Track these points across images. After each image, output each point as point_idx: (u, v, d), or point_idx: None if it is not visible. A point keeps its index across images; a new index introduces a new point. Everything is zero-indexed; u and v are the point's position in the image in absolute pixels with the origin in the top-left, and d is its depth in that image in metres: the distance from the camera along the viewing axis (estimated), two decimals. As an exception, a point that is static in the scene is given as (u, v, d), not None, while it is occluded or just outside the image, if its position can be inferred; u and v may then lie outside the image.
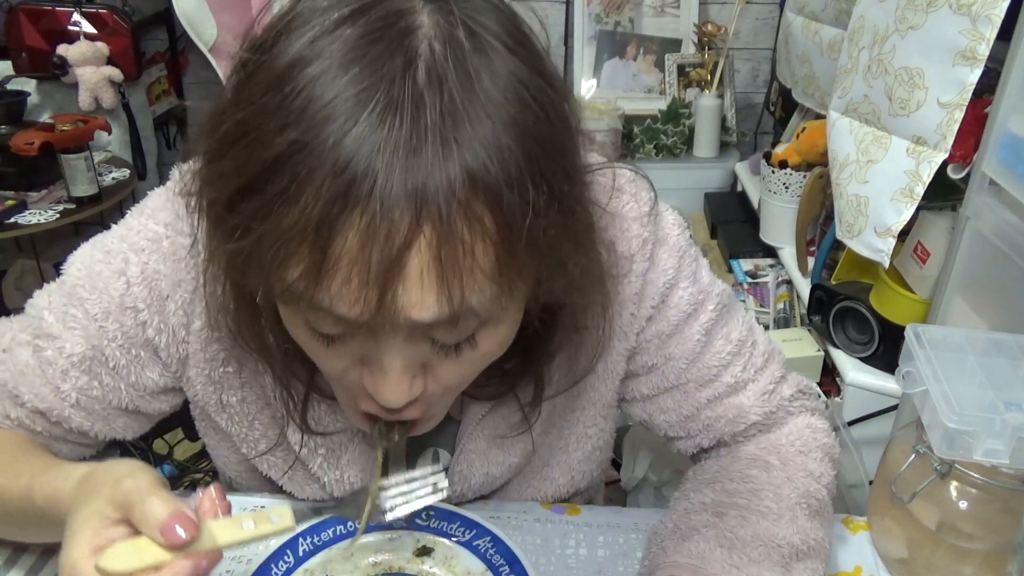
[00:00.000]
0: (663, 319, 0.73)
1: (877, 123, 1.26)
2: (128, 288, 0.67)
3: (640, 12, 2.52)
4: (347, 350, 0.53)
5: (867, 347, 1.40)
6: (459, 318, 0.49)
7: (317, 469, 0.74)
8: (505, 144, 0.46)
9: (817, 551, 0.69)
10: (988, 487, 0.68)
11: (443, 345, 0.53)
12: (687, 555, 0.65)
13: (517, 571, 0.68)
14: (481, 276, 0.47)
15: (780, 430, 0.77)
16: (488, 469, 0.76)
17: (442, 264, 0.45)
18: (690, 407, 0.76)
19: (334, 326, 0.51)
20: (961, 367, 0.72)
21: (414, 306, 0.47)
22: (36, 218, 1.93)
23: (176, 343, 0.69)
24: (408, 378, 0.53)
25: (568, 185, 0.50)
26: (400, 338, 0.51)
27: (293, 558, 0.70)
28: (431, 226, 0.44)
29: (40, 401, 0.69)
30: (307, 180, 0.44)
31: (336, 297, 0.46)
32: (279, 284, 0.48)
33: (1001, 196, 1.07)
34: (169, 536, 0.48)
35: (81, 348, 0.68)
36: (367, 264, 0.45)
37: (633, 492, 1.20)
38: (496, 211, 0.46)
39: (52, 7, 2.19)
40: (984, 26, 1.06)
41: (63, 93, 2.24)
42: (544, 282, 0.52)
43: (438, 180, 0.44)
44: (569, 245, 0.52)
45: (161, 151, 2.59)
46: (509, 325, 0.56)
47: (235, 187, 0.47)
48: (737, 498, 0.70)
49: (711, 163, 2.46)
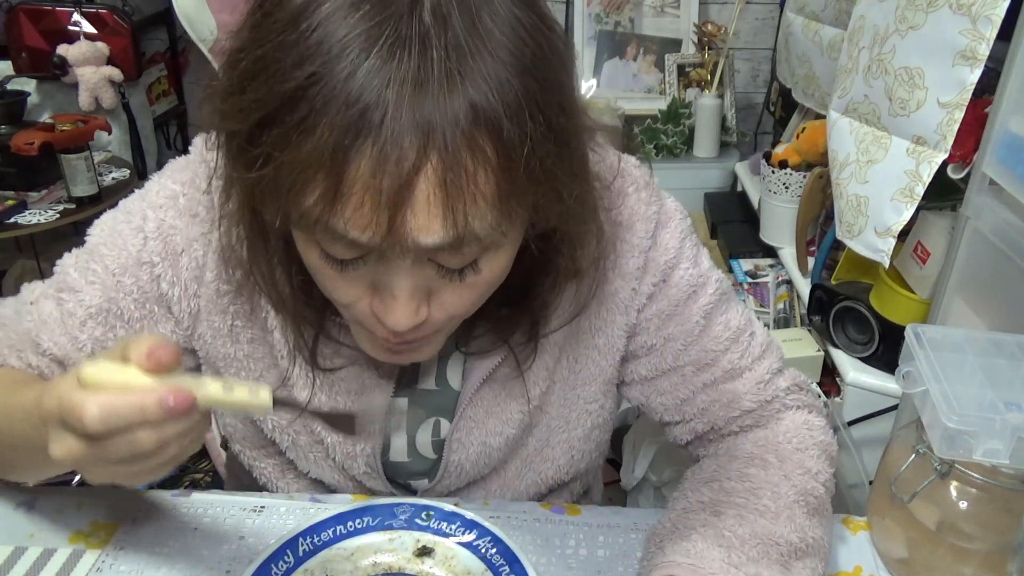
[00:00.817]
0: (663, 297, 0.75)
1: (877, 123, 1.26)
2: (145, 243, 0.72)
3: (640, 12, 2.52)
4: (358, 276, 0.56)
5: (867, 347, 1.40)
6: (463, 243, 0.52)
7: (321, 430, 0.76)
8: (505, 78, 0.49)
9: (816, 549, 0.69)
10: (988, 487, 0.68)
11: (448, 270, 0.56)
12: (685, 554, 0.65)
13: (517, 571, 0.68)
14: (483, 202, 0.50)
15: (777, 426, 0.78)
16: (486, 439, 0.77)
17: (447, 190, 0.49)
18: (687, 390, 0.78)
19: (347, 251, 0.54)
20: (961, 367, 0.72)
21: (421, 229, 0.50)
22: (36, 218, 1.93)
23: (188, 297, 0.73)
24: (415, 303, 0.56)
25: (564, 118, 0.53)
26: (408, 263, 0.54)
27: (293, 558, 0.70)
28: (437, 154, 0.48)
29: (59, 349, 0.73)
30: (323, 111, 0.47)
31: (350, 221, 0.50)
32: (296, 211, 0.51)
33: (1001, 196, 1.07)
34: (153, 355, 0.51)
35: (98, 300, 0.72)
36: (379, 189, 0.48)
37: (633, 492, 1.20)
38: (497, 141, 0.49)
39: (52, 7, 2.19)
40: (984, 26, 1.06)
41: (63, 93, 2.24)
42: (541, 210, 0.56)
43: (444, 111, 0.47)
44: (564, 174, 0.55)
45: (161, 151, 2.59)
46: (508, 252, 0.59)
47: (255, 119, 0.50)
48: (735, 497, 0.70)
49: (711, 163, 2.46)
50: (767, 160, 1.80)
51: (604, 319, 0.75)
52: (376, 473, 0.78)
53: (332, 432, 0.76)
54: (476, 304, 0.61)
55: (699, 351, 0.77)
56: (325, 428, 0.76)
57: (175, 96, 2.68)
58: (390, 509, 0.74)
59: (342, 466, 0.78)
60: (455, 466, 0.78)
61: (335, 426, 0.63)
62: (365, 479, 0.79)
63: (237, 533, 0.75)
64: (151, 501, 0.79)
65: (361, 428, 0.71)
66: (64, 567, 0.72)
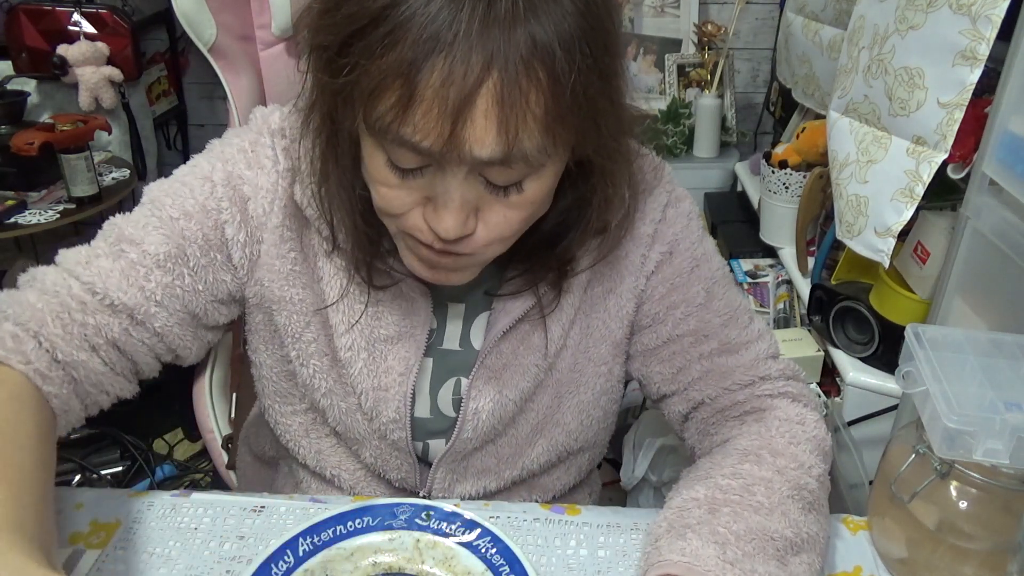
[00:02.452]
0: (670, 266, 0.82)
1: (877, 123, 1.26)
2: (213, 190, 0.77)
3: (640, 12, 2.52)
4: (416, 186, 0.63)
5: (867, 347, 1.40)
6: (511, 159, 0.59)
7: (357, 374, 0.80)
8: (561, 16, 0.57)
9: (812, 545, 0.69)
10: (988, 487, 0.68)
11: (495, 187, 0.63)
12: (680, 553, 0.65)
13: (517, 571, 0.68)
14: (533, 123, 0.57)
15: (771, 418, 0.78)
16: (502, 388, 0.81)
17: (503, 106, 0.56)
18: (683, 359, 0.83)
19: (411, 158, 0.61)
20: (961, 367, 0.72)
21: (478, 140, 0.57)
22: (36, 218, 1.93)
23: (252, 243, 0.78)
24: (464, 214, 0.63)
25: (608, 58, 0.61)
26: (461, 176, 0.61)
27: (293, 558, 0.70)
28: (498, 73, 0.55)
29: (129, 299, 0.74)
30: (405, 27, 0.55)
31: (418, 127, 0.57)
32: (372, 115, 0.58)
33: (1001, 196, 1.07)
34: None
35: (164, 247, 0.75)
36: (445, 100, 0.55)
37: (633, 492, 1.20)
38: (551, 69, 0.56)
39: (52, 7, 2.18)
40: (984, 26, 1.06)
41: (63, 93, 2.24)
42: (581, 137, 0.63)
43: (507, 38, 0.55)
44: (604, 107, 0.62)
45: (161, 151, 2.59)
46: (550, 178, 0.65)
47: (347, 33, 0.58)
48: (729, 494, 0.70)
49: (711, 163, 2.46)
50: (767, 160, 1.80)
51: (615, 281, 0.82)
52: (402, 421, 0.81)
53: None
54: (518, 230, 0.67)
55: (698, 322, 0.82)
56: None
57: (175, 96, 2.67)
58: (390, 509, 0.74)
59: (371, 414, 0.81)
60: (472, 414, 0.81)
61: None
62: (390, 430, 0.81)
63: (237, 533, 0.75)
64: (151, 501, 0.79)
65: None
66: (64, 567, 0.71)
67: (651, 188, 0.81)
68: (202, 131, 2.79)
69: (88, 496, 0.79)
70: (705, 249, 0.83)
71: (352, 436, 0.84)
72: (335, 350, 0.80)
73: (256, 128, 0.80)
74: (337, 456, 0.87)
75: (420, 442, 0.84)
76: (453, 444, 0.83)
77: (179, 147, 2.74)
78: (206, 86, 2.72)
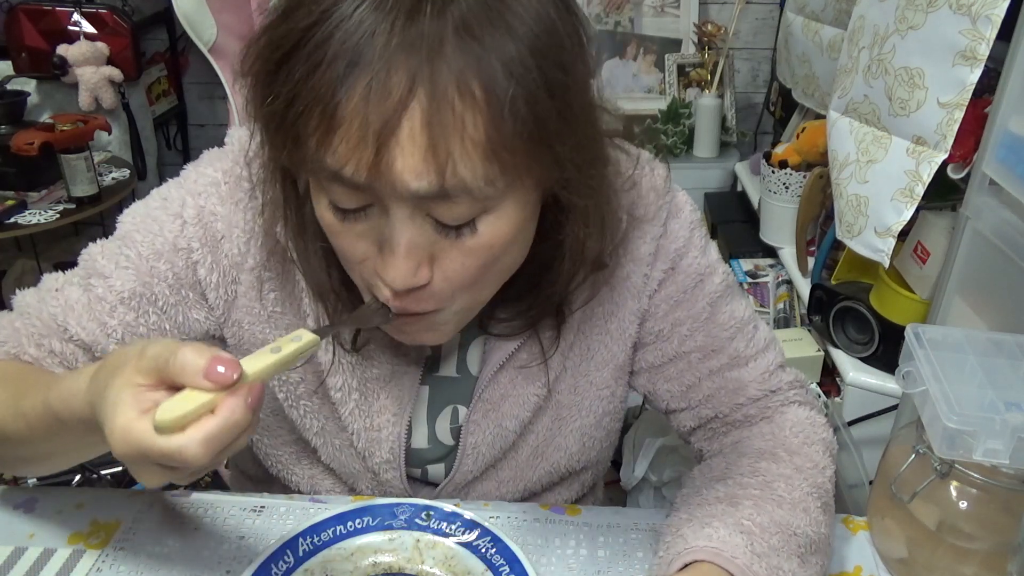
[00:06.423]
0: (673, 283, 0.77)
1: (877, 123, 1.26)
2: (183, 229, 0.72)
3: (640, 12, 2.52)
4: (363, 230, 0.58)
5: (867, 347, 1.40)
6: (451, 192, 0.53)
7: (348, 415, 0.77)
8: (503, 27, 0.51)
9: (825, 546, 0.69)
10: (988, 487, 0.68)
11: (445, 227, 0.56)
12: (707, 539, 0.64)
13: (517, 571, 0.68)
14: (472, 148, 0.51)
15: (783, 419, 0.78)
16: (501, 420, 0.78)
17: (432, 129, 0.50)
18: (692, 377, 0.80)
19: (347, 195, 0.55)
20: (961, 367, 0.72)
21: (408, 168, 0.51)
22: (36, 218, 1.93)
23: (226, 284, 0.73)
24: (414, 260, 0.57)
25: (561, 74, 0.54)
26: (405, 215, 0.55)
27: (293, 558, 0.70)
28: (424, 92, 0.49)
29: (87, 334, 0.72)
30: (325, 46, 0.50)
31: (339, 153, 0.52)
32: (302, 148, 0.53)
33: (1001, 196, 1.07)
34: (214, 376, 0.49)
35: (131, 285, 0.72)
36: (365, 122, 0.50)
37: (633, 492, 1.20)
38: (488, 86, 0.50)
39: (52, 7, 2.19)
40: (984, 26, 1.06)
41: (63, 93, 2.24)
42: (539, 170, 0.56)
43: (435, 52, 0.49)
44: (565, 137, 0.55)
45: (161, 151, 2.59)
46: (512, 218, 0.58)
47: (276, 59, 0.53)
48: (750, 489, 0.70)
49: (711, 163, 2.46)
50: (767, 160, 1.80)
51: (616, 303, 0.77)
52: (396, 462, 0.79)
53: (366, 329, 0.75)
54: (480, 278, 0.61)
55: (705, 337, 0.78)
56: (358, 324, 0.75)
57: (175, 96, 2.67)
58: (390, 509, 0.74)
59: (363, 454, 0.79)
60: (472, 448, 0.79)
61: (366, 323, 0.64)
62: (383, 469, 0.79)
63: (237, 533, 0.75)
64: (151, 501, 0.79)
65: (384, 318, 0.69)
66: (64, 567, 0.72)
67: (648, 203, 0.75)
68: (202, 131, 2.79)
69: (88, 496, 0.79)
70: (709, 261, 0.79)
71: (347, 471, 0.82)
72: (326, 389, 0.76)
73: (232, 156, 0.74)
74: (331, 479, 0.84)
75: (418, 468, 0.82)
76: (453, 477, 0.81)
77: (179, 147, 2.74)
78: (206, 86, 2.72)
